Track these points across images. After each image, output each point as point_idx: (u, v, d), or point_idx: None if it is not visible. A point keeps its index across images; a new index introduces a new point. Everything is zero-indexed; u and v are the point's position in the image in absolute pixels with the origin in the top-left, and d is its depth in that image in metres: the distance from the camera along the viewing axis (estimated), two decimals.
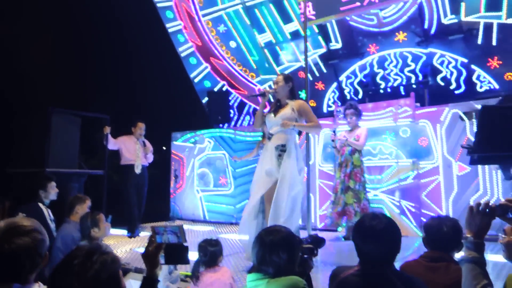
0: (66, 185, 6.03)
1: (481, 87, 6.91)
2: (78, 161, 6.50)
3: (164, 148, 9.01)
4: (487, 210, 1.70)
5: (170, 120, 8.92)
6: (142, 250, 4.65)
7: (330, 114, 7.76)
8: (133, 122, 6.52)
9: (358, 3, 6.85)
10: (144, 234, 6.34)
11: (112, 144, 6.31)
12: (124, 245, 5.51)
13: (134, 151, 6.37)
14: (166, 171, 8.43)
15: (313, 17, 7.20)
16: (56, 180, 5.40)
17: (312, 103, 8.17)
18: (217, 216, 7.73)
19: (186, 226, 7.47)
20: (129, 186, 6.27)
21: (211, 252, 3.09)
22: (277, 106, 4.16)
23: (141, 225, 6.61)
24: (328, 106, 8.42)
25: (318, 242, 2.39)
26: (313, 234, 2.41)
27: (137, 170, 6.31)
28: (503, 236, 2.18)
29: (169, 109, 8.89)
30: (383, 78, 7.68)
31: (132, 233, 6.14)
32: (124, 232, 6.35)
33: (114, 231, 6.45)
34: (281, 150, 3.92)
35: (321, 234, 5.86)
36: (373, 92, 7.62)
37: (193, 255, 4.49)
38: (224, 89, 9.43)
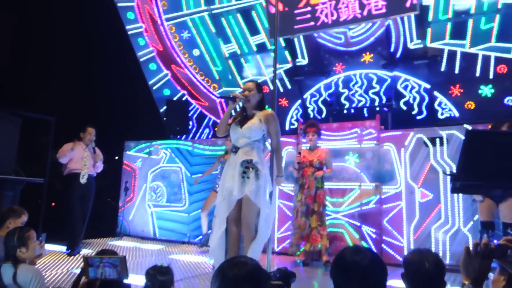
0: None
1: (442, 114, 6.96)
2: (15, 167, 5.84)
3: (116, 157, 8.41)
4: (486, 251, 1.47)
5: (124, 128, 8.34)
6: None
7: (293, 132, 7.56)
8: (82, 126, 5.97)
9: (312, 23, 6.86)
10: (86, 252, 5.76)
11: (67, 158, 5.72)
12: (61, 264, 4.92)
13: (81, 159, 5.81)
14: (116, 183, 7.83)
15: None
16: None
17: None
18: (168, 233, 7.23)
19: (133, 244, 6.94)
20: (73, 197, 5.69)
21: (161, 282, 2.67)
22: (243, 116, 3.81)
23: (83, 241, 6.02)
24: (291, 123, 8.23)
25: (288, 277, 2.07)
26: (282, 268, 2.09)
27: (83, 180, 5.75)
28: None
29: (123, 116, 8.33)
30: (348, 98, 7.59)
31: (72, 250, 5.53)
32: (63, 248, 5.73)
33: (52, 247, 5.83)
34: (246, 166, 3.56)
35: (278, 258, 5.53)
36: (337, 112, 7.51)
37: (138, 279, 3.98)
38: (184, 98, 9.01)
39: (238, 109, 4.01)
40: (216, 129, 3.90)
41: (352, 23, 6.78)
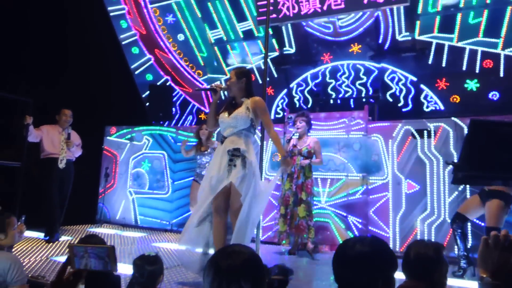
0: None
1: (427, 107, 6.99)
2: None
3: (95, 143, 8.13)
4: (506, 243, 1.41)
5: (105, 113, 8.06)
6: (61, 258, 3.91)
7: (278, 121, 7.48)
8: (59, 109, 5.74)
9: (274, 15, 6.93)
10: (65, 239, 5.56)
11: (34, 136, 5.48)
12: (40, 251, 4.73)
13: (58, 142, 5.59)
14: (96, 168, 7.59)
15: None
16: None
17: None
18: (150, 221, 7.07)
19: (114, 231, 6.76)
20: (50, 183, 5.48)
21: (150, 272, 2.53)
22: (231, 105, 3.72)
23: (61, 228, 5.81)
24: (276, 112, 8.13)
25: (286, 273, 1.98)
26: (280, 264, 1.99)
27: (61, 165, 5.54)
28: None
29: (104, 101, 8.04)
30: (334, 88, 7.54)
31: (51, 237, 5.33)
32: (40, 234, 5.51)
33: (29, 233, 5.60)
34: (233, 154, 3.48)
35: (263, 247, 5.46)
36: (323, 102, 7.46)
37: (120, 268, 3.85)
38: (167, 84, 8.78)
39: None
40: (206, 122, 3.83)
41: (313, 17, 6.93)
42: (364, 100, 7.17)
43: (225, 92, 4.97)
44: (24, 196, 5.43)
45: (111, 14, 8.69)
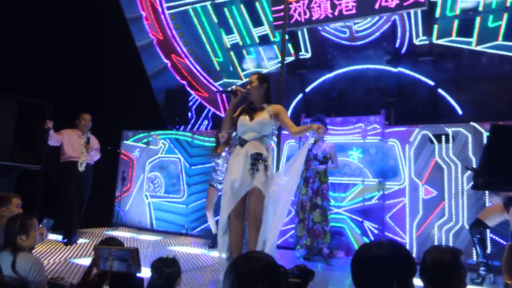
0: None
1: (445, 111, 6.90)
2: (11, 153, 5.69)
3: (109, 148, 8.24)
4: None
5: (122, 117, 8.19)
6: (79, 261, 3.96)
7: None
8: (77, 113, 5.84)
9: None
10: (83, 241, 5.64)
11: (54, 140, 5.58)
12: (58, 253, 4.81)
13: (78, 146, 5.68)
14: (112, 172, 7.69)
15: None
16: None
17: None
18: (166, 225, 7.12)
19: (130, 234, 6.83)
20: (70, 186, 5.57)
21: (167, 274, 2.57)
22: (250, 109, 3.73)
23: (79, 231, 5.90)
24: (292, 117, 8.12)
25: (307, 275, 1.98)
26: (301, 265, 1.99)
27: (81, 168, 5.63)
28: None
29: (121, 105, 8.17)
30: (350, 93, 7.50)
31: (69, 239, 5.41)
32: (59, 237, 5.60)
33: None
34: (256, 158, 3.47)
35: (277, 252, 5.45)
36: (339, 107, 7.43)
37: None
38: (183, 89, 8.87)
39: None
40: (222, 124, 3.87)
41: (324, 23, 6.95)
42: (380, 104, 7.11)
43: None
44: (44, 199, 5.54)
45: (129, 19, 8.83)
